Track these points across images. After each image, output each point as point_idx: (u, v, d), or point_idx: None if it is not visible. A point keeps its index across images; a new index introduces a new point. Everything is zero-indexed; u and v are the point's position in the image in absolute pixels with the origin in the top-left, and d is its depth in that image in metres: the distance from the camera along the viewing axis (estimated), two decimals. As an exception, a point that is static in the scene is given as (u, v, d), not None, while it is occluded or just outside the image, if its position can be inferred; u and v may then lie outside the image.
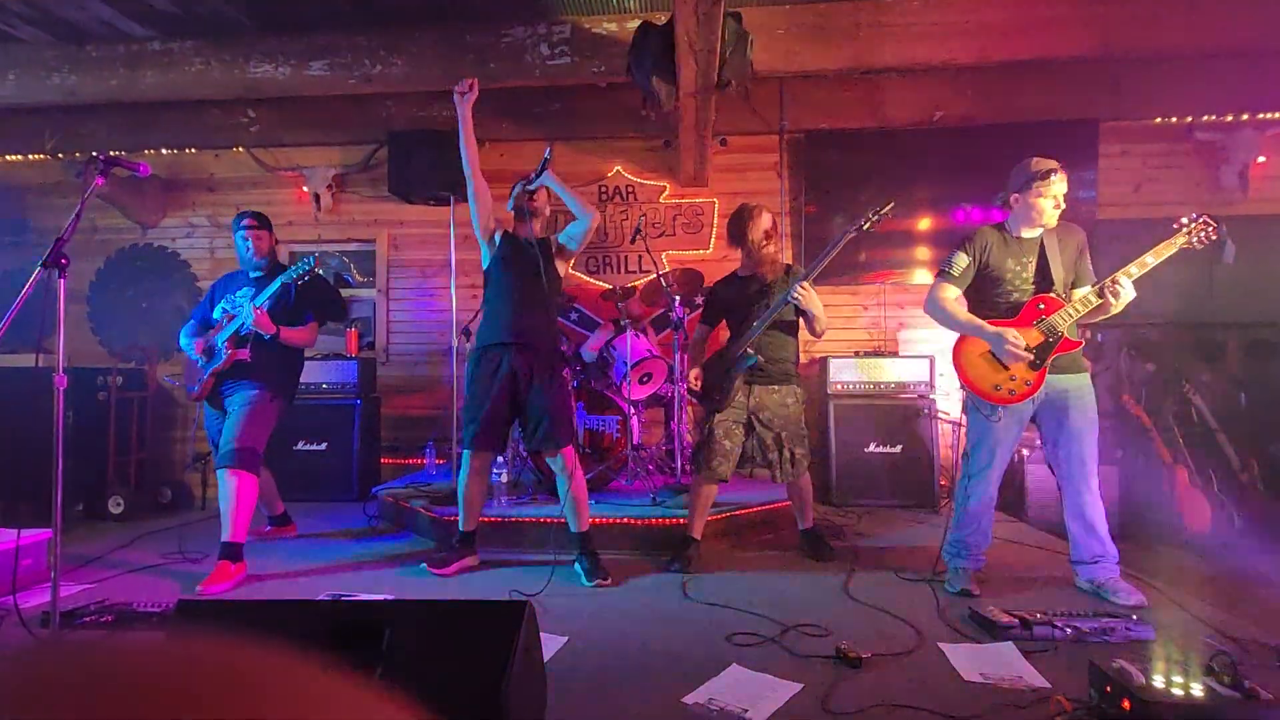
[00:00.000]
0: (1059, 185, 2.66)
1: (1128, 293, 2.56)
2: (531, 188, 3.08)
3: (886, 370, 4.54)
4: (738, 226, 3.23)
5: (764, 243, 3.18)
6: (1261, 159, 4.85)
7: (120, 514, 4.23)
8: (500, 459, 3.88)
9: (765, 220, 3.20)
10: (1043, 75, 4.46)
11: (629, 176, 5.38)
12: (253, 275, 3.36)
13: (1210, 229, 2.52)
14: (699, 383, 3.19)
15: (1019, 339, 2.62)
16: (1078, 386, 2.72)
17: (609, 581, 2.90)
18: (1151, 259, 2.55)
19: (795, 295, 2.98)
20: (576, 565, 3.01)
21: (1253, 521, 3.29)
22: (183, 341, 3.33)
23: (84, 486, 4.20)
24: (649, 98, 3.76)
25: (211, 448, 3.28)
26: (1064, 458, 2.73)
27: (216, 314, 3.29)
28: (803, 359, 3.34)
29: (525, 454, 3.94)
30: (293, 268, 3.19)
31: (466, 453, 3.05)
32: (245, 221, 3.36)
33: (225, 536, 2.96)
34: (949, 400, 4.98)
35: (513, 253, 3.08)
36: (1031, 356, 2.62)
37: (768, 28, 3.79)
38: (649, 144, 5.20)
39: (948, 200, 5.02)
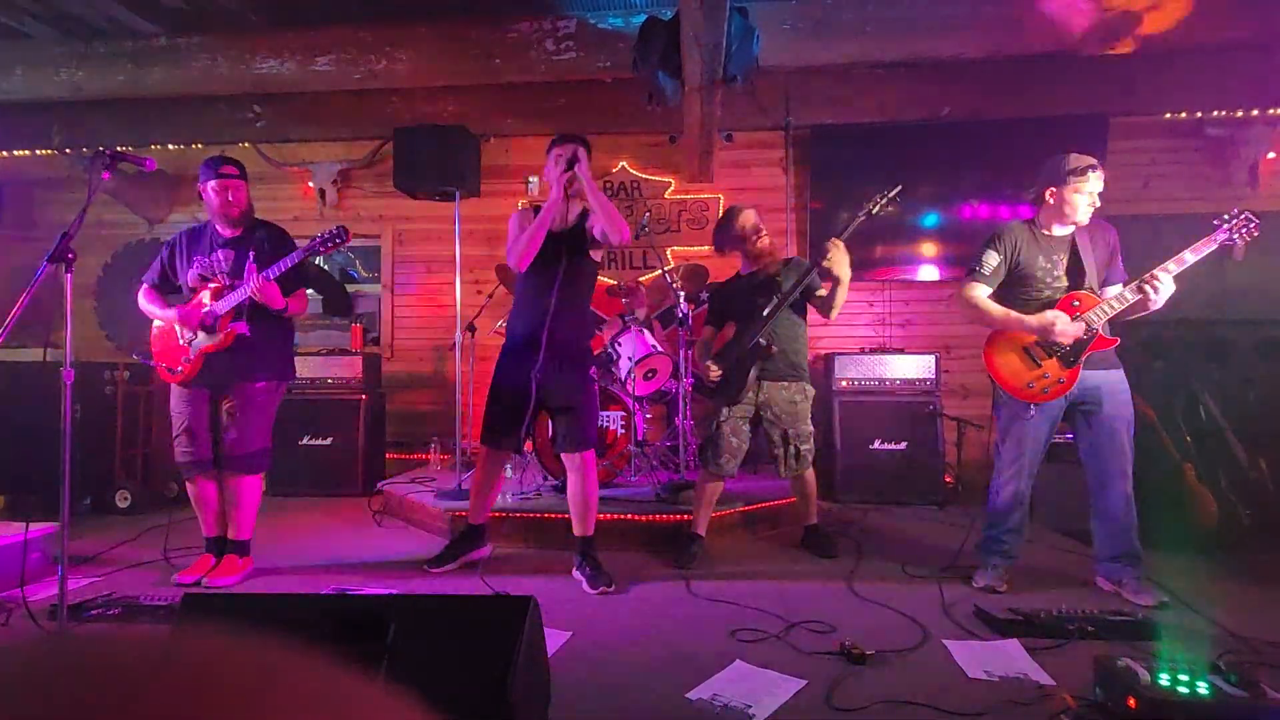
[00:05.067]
0: (1096, 182, 2.62)
1: (1167, 288, 2.51)
2: (566, 175, 2.79)
3: (892, 367, 4.53)
4: (726, 231, 3.25)
5: (755, 236, 3.18)
6: (1272, 154, 4.81)
7: (127, 508, 4.25)
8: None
9: (748, 216, 3.21)
10: (1052, 69, 4.43)
11: (634, 172, 5.37)
12: (226, 234, 2.91)
13: (1253, 225, 2.45)
14: (716, 374, 3.13)
15: (1069, 323, 2.58)
16: (1111, 382, 2.68)
17: (613, 588, 2.77)
18: (1190, 255, 2.49)
19: (826, 257, 2.90)
20: (576, 570, 2.89)
21: (1261, 520, 3.28)
22: (145, 304, 2.94)
23: (91, 480, 4.22)
24: (654, 93, 3.75)
25: (182, 432, 2.90)
26: (1095, 454, 2.70)
27: (191, 279, 2.88)
28: (806, 360, 3.32)
29: (530, 450, 3.94)
30: (319, 240, 2.78)
31: (483, 446, 3.00)
32: (224, 169, 2.82)
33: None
34: (954, 397, 4.97)
35: (542, 249, 2.86)
36: (1069, 345, 2.59)
37: (773, 22, 3.77)
38: (654, 139, 5.18)
39: (955, 196, 5.01)
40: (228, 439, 2.89)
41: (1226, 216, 2.49)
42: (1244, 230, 2.46)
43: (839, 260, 2.93)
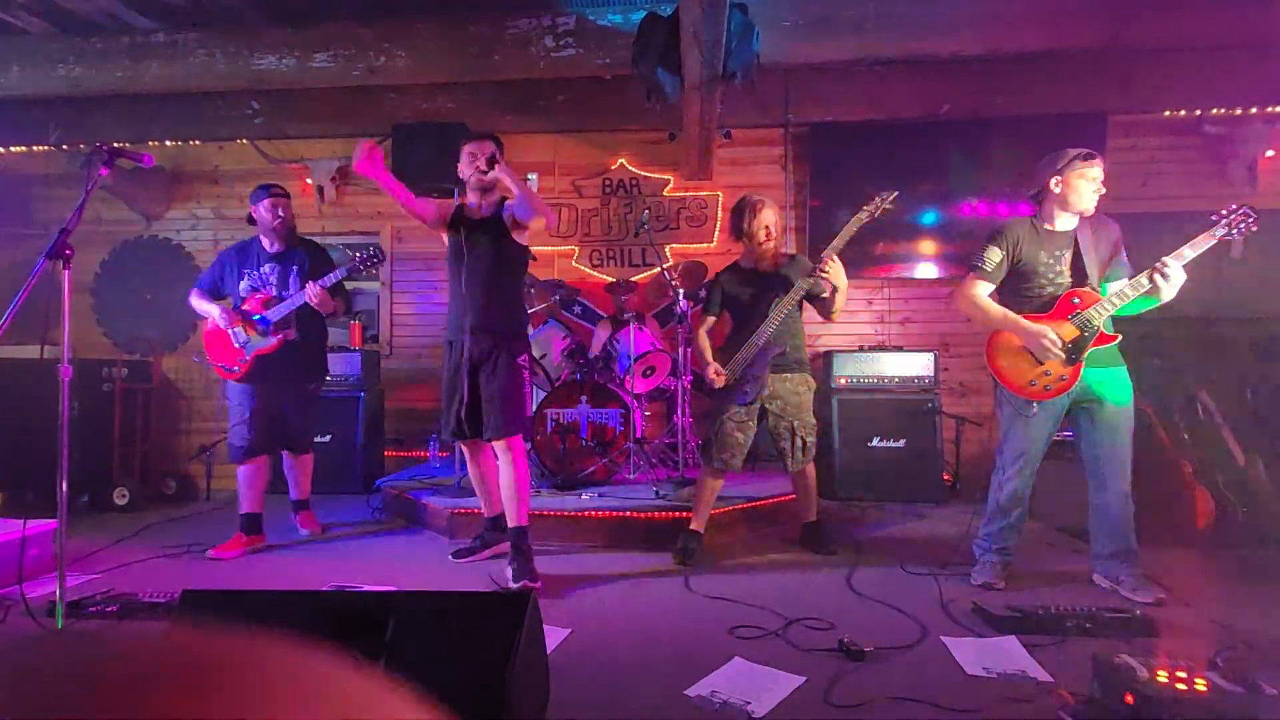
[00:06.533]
0: (1099, 170, 2.63)
1: (1177, 275, 2.48)
2: (486, 179, 2.90)
3: (891, 364, 4.53)
4: (738, 219, 3.20)
5: (765, 240, 3.15)
6: (1270, 152, 4.81)
7: (125, 505, 4.25)
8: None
9: (767, 215, 3.15)
10: (1051, 67, 4.43)
11: (633, 169, 5.36)
12: (271, 249, 3.39)
13: (1251, 220, 2.45)
14: (721, 379, 3.11)
15: (1057, 339, 2.58)
16: (1114, 380, 2.67)
17: (538, 584, 2.70)
18: (1189, 251, 2.49)
19: (824, 268, 2.95)
20: (507, 563, 2.82)
21: (1258, 517, 3.28)
22: (197, 304, 3.38)
23: (89, 478, 4.22)
24: (654, 90, 3.74)
25: (243, 422, 3.31)
26: (1094, 453, 2.69)
27: (242, 289, 3.34)
28: (806, 352, 3.32)
29: (529, 446, 3.94)
30: (357, 260, 3.31)
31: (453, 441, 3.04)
32: (274, 190, 3.38)
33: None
34: (953, 395, 4.98)
35: (463, 240, 2.93)
36: (1064, 356, 2.58)
37: (773, 19, 3.77)
38: (653, 137, 5.17)
39: (954, 194, 5.00)
40: (294, 428, 3.52)
41: (1225, 211, 2.49)
42: (1242, 225, 2.46)
43: (836, 273, 2.98)
